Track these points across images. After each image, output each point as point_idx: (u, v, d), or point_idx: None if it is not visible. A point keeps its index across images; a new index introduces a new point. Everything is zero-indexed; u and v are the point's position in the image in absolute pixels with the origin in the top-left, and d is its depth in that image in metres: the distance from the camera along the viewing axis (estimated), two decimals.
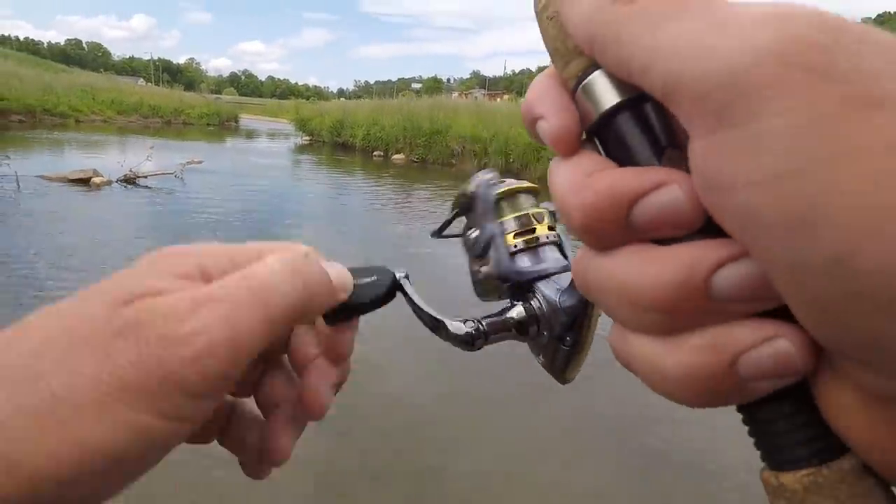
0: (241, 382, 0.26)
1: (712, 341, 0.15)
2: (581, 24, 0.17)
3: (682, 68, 0.14)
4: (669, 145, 0.17)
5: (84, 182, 8.81)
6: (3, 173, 8.23)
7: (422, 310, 0.32)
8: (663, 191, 0.16)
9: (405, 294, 0.33)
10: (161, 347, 0.19)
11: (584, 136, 0.19)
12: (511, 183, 0.35)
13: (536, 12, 0.19)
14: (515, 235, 0.33)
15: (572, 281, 0.26)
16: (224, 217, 7.45)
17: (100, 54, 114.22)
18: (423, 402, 3.16)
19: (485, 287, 0.35)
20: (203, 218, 7.35)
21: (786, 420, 0.15)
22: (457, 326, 0.31)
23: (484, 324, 0.32)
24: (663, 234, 0.16)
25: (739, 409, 0.17)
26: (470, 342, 0.32)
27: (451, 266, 6.07)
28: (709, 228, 0.15)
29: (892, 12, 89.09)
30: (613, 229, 0.17)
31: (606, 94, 0.17)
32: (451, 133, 16.54)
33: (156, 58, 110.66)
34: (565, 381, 0.32)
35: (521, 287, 0.33)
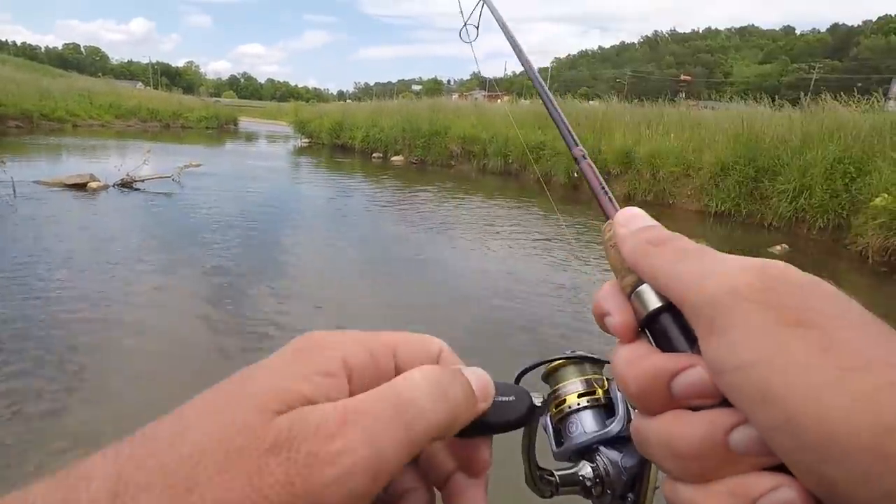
0: None
1: (734, 488, 0.21)
2: (629, 255, 0.26)
3: (688, 292, 0.22)
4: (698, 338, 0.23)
5: (81, 187, 8.78)
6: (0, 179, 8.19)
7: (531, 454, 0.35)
8: (691, 371, 0.22)
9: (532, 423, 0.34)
10: (308, 466, 0.19)
11: (639, 329, 0.26)
12: (580, 352, 0.40)
13: (603, 240, 0.29)
14: (580, 396, 0.37)
15: (631, 444, 0.29)
16: (222, 220, 7.42)
17: (98, 58, 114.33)
18: None
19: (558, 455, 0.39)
20: (201, 221, 7.32)
21: None
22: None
23: (557, 476, 0.35)
24: (695, 403, 0.23)
25: None
26: (540, 491, 0.35)
27: (451, 271, 6.03)
28: (727, 401, 0.21)
29: (892, 15, 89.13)
30: (658, 398, 0.23)
31: (651, 300, 0.25)
32: (450, 134, 16.52)
33: (154, 61, 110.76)
34: None
35: (588, 448, 0.36)
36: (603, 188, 0.35)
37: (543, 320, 4.42)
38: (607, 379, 0.39)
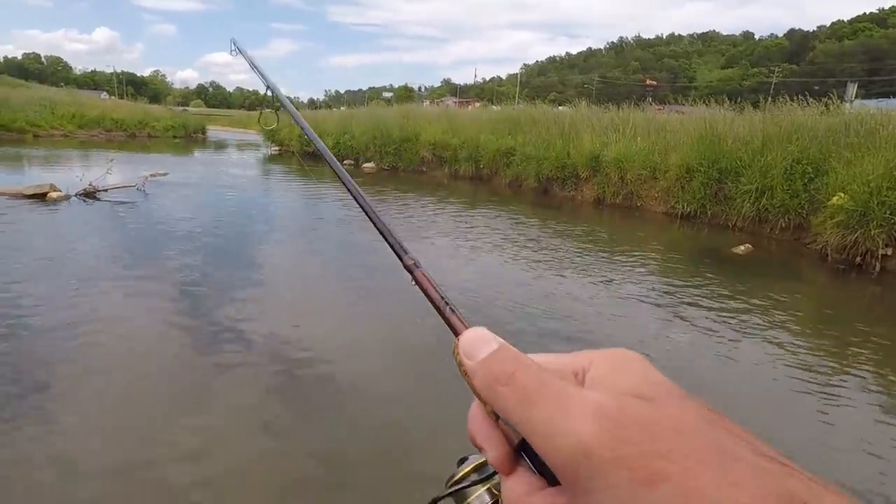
0: None
1: None
2: (480, 391, 0.25)
3: (543, 447, 0.22)
4: None
5: (40, 197, 8.48)
6: None
7: None
8: None
9: None
10: None
11: (516, 453, 0.25)
12: (473, 460, 0.40)
13: (456, 363, 0.27)
14: None
15: None
16: (189, 229, 7.24)
17: (60, 68, 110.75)
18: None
19: None
20: (166, 231, 7.13)
21: None
22: None
23: None
24: None
25: None
26: None
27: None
28: None
29: (845, 20, 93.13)
30: None
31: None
32: (421, 140, 16.54)
33: (119, 71, 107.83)
34: None
35: None
36: (445, 301, 0.32)
37: (518, 324, 4.45)
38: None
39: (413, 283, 0.35)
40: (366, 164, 17.71)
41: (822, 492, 0.19)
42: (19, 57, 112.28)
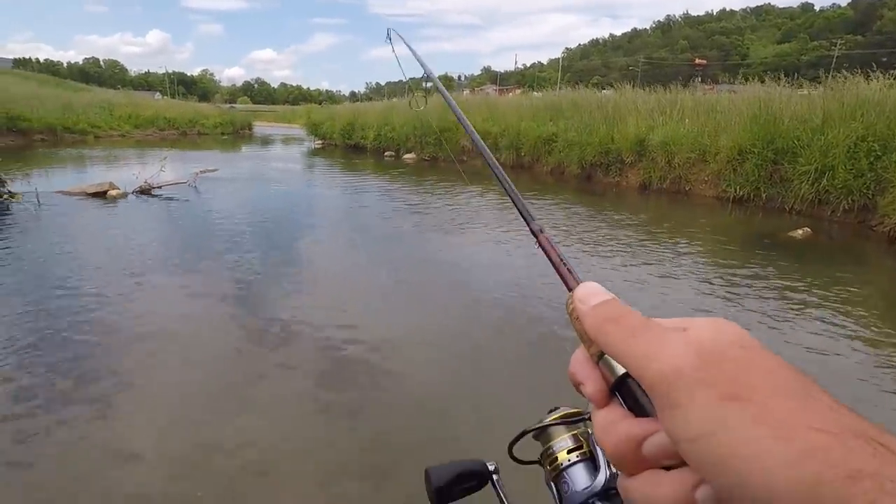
0: None
1: None
2: (589, 330, 0.29)
3: (640, 370, 0.25)
4: None
5: (101, 195, 8.99)
6: (24, 190, 8.44)
7: None
8: (658, 436, 0.25)
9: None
10: None
11: (610, 392, 0.28)
12: (562, 409, 0.45)
13: (567, 311, 0.31)
14: (569, 451, 0.42)
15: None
16: (239, 223, 7.52)
17: (117, 71, 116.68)
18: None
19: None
20: (217, 225, 7.42)
21: None
22: None
23: None
24: (665, 463, 0.25)
25: None
26: None
27: (467, 265, 6.02)
28: None
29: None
30: (633, 460, 0.26)
31: (617, 367, 0.27)
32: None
33: (171, 71, 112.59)
34: None
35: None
36: (563, 261, 0.36)
37: (561, 319, 4.38)
38: (588, 429, 0.42)
39: (537, 245, 0.39)
40: (406, 156, 17.82)
41: None
42: (81, 62, 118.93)
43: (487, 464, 0.47)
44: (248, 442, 2.63)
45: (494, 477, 0.47)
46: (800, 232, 7.35)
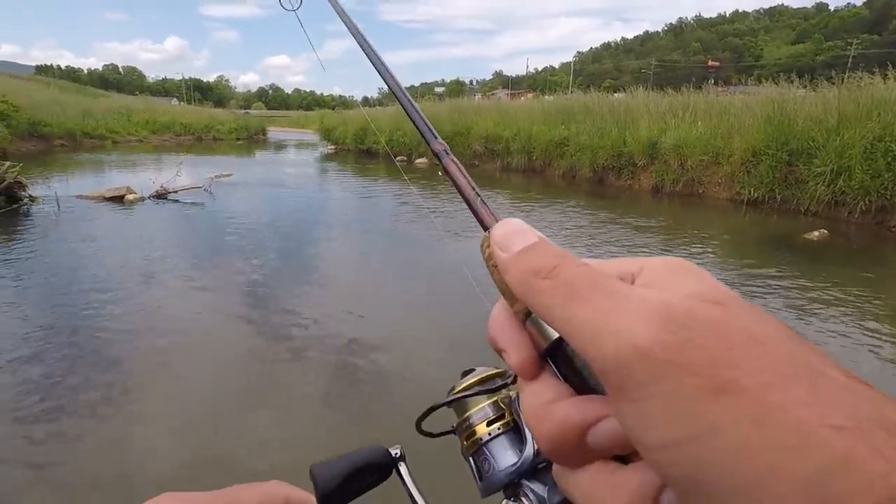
0: None
1: None
2: (514, 286, 0.22)
3: (586, 347, 0.18)
4: None
5: (119, 199, 9.16)
6: (44, 195, 8.63)
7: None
8: (610, 422, 0.19)
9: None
10: None
11: (542, 359, 0.22)
12: (480, 372, 0.38)
13: (483, 257, 0.24)
14: (489, 423, 0.35)
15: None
16: (253, 227, 7.62)
17: (135, 77, 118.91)
18: None
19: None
20: (231, 229, 7.53)
21: None
22: None
23: None
24: (618, 452, 0.20)
25: None
26: None
27: (476, 266, 6.04)
28: None
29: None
30: (574, 451, 0.20)
31: (549, 329, 0.21)
32: (473, 134, 16.52)
33: (187, 77, 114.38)
34: None
35: (510, 485, 0.34)
36: (476, 192, 0.29)
37: None
38: (511, 393, 0.36)
39: (441, 172, 0.31)
40: (418, 160, 17.90)
41: None
42: (100, 69, 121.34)
43: (391, 450, 0.42)
44: (262, 440, 2.67)
45: (400, 465, 0.41)
46: (816, 234, 7.26)
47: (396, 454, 0.41)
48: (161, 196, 9.66)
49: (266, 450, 2.59)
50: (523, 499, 0.32)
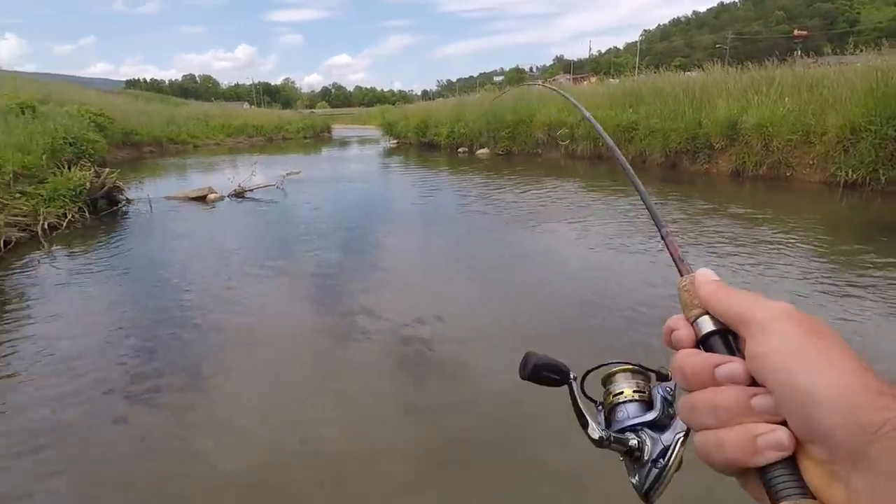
0: None
1: (748, 430, 0.31)
2: (704, 295, 0.37)
3: (745, 313, 0.34)
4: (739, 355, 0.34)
5: (202, 199, 9.78)
6: (138, 197, 9.38)
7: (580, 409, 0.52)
8: (731, 363, 0.33)
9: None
10: None
11: (696, 345, 0.37)
12: (634, 364, 0.52)
13: (679, 286, 0.40)
14: (634, 391, 0.50)
15: (664, 430, 0.46)
16: (324, 222, 7.88)
17: (210, 85, 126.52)
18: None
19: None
20: (304, 223, 7.82)
21: (787, 476, 0.30)
22: (592, 429, 0.49)
23: (612, 437, 0.48)
24: (730, 384, 0.33)
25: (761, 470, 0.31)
26: (599, 443, 0.48)
27: (546, 265, 5.90)
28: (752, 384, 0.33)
29: None
30: (704, 379, 0.34)
31: (706, 326, 0.36)
32: (536, 122, 16.16)
33: (256, 82, 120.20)
34: (648, 502, 0.45)
35: (633, 427, 0.48)
36: (681, 259, 0.45)
37: (637, 319, 4.17)
38: (650, 385, 0.51)
39: (662, 245, 0.49)
40: (480, 151, 17.77)
41: None
42: (180, 79, 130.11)
43: (571, 371, 0.55)
44: (334, 431, 2.74)
45: (573, 383, 0.54)
46: None
47: (573, 376, 0.55)
48: (239, 195, 10.20)
49: (335, 436, 2.64)
50: (641, 436, 0.47)
